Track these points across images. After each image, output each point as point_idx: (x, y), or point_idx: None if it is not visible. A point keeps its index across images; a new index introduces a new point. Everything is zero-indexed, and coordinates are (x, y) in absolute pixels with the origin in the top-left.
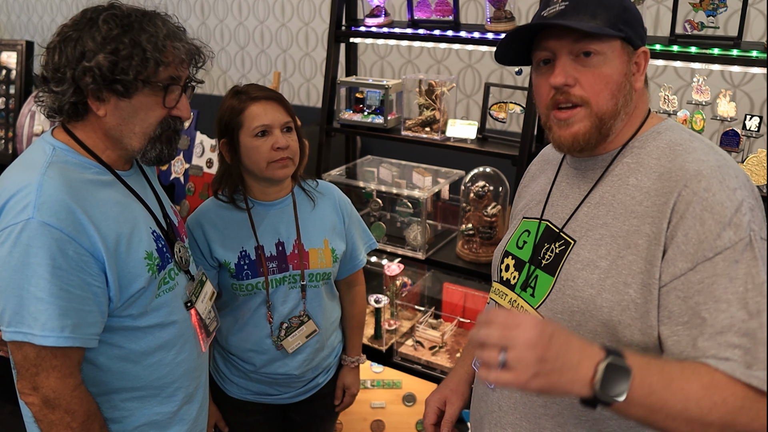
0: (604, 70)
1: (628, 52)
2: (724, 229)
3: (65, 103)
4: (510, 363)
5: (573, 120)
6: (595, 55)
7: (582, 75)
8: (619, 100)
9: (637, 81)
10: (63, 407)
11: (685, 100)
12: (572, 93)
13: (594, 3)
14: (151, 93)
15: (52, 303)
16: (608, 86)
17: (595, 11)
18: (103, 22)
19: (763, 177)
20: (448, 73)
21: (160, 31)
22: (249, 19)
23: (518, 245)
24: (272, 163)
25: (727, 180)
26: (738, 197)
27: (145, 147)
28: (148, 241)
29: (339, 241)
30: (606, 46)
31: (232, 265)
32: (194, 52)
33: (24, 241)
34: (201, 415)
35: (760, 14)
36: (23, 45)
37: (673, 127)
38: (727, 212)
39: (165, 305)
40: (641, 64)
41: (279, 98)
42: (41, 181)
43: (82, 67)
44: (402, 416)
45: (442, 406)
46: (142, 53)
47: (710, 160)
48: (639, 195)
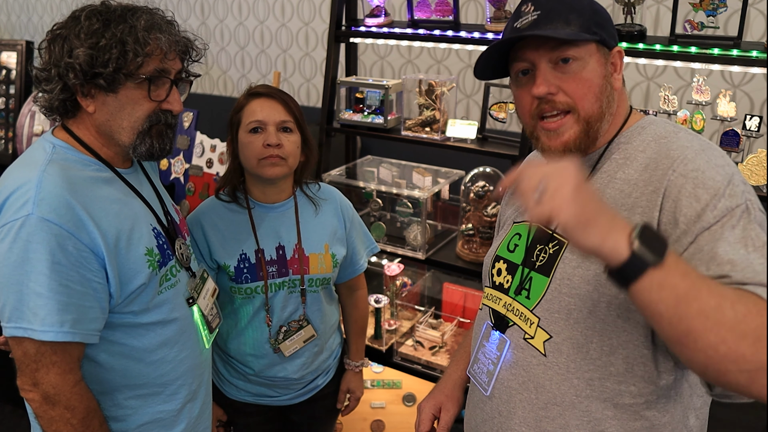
0: (584, 75)
1: (604, 54)
2: (719, 200)
3: (56, 101)
4: (549, 192)
5: (563, 129)
6: (574, 60)
7: (564, 82)
8: (603, 101)
9: (616, 81)
10: (63, 403)
11: (685, 100)
12: (557, 101)
13: (566, 9)
14: (136, 86)
15: (51, 298)
16: (591, 90)
17: (569, 17)
18: (85, 18)
19: (763, 177)
20: (448, 73)
21: (140, 23)
22: (249, 19)
23: (509, 249)
24: (262, 160)
25: (714, 159)
26: (728, 171)
27: (135, 142)
28: (149, 238)
29: (339, 246)
30: (583, 50)
31: (231, 268)
32: (183, 44)
33: (24, 237)
34: (204, 413)
35: (760, 14)
36: (23, 45)
37: (656, 121)
38: (719, 186)
39: (167, 302)
40: (617, 64)
41: (282, 98)
42: (41, 177)
43: (65, 64)
44: (402, 416)
45: (436, 412)
46: (121, 45)
47: (694, 145)
48: (627, 188)
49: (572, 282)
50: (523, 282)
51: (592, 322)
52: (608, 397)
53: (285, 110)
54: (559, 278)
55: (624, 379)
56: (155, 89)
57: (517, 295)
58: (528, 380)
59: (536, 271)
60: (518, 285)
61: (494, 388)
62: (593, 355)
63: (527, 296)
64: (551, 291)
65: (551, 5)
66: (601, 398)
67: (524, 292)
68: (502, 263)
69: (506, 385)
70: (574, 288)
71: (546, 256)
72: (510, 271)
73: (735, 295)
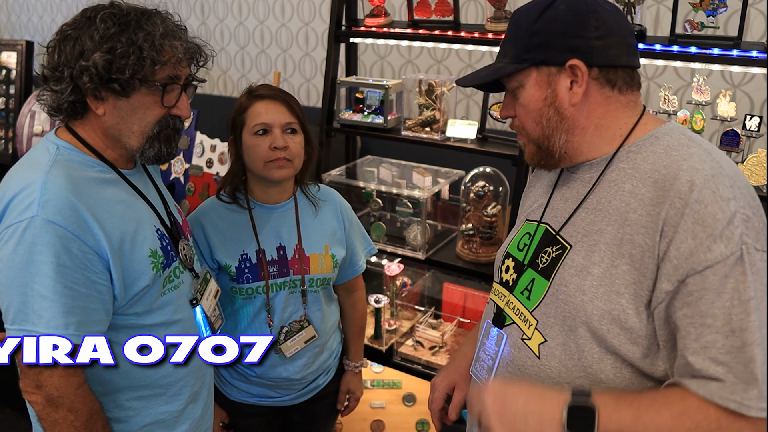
0: (522, 101)
1: (547, 74)
2: (715, 242)
3: (64, 102)
4: (485, 428)
5: (524, 144)
6: (518, 88)
7: (516, 107)
8: (542, 124)
9: (574, 95)
10: (66, 406)
11: (685, 100)
12: (514, 124)
13: (506, 42)
14: (149, 92)
15: (56, 301)
16: (529, 114)
17: (506, 50)
18: (100, 21)
19: (763, 177)
20: (448, 73)
21: (157, 30)
22: (249, 19)
23: (519, 247)
24: (269, 162)
25: (721, 190)
26: (731, 208)
27: (144, 146)
28: (153, 239)
29: (339, 247)
30: (521, 77)
31: (232, 268)
32: (194, 50)
33: (28, 239)
34: (206, 414)
35: (760, 14)
36: (23, 45)
37: (672, 131)
38: (718, 225)
39: (170, 303)
40: (578, 76)
41: (286, 99)
42: (45, 179)
43: (79, 66)
44: (402, 416)
45: (449, 391)
46: (138, 52)
47: (705, 168)
48: (634, 202)
49: (568, 289)
50: (526, 282)
51: (584, 332)
52: None
53: (289, 112)
54: (557, 283)
55: (614, 385)
56: (167, 95)
57: (520, 294)
58: (523, 380)
59: (539, 273)
60: (521, 285)
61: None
62: (585, 363)
63: (528, 297)
64: (549, 296)
65: (503, 41)
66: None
67: (526, 292)
68: (511, 260)
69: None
70: (570, 296)
71: (549, 259)
72: (516, 270)
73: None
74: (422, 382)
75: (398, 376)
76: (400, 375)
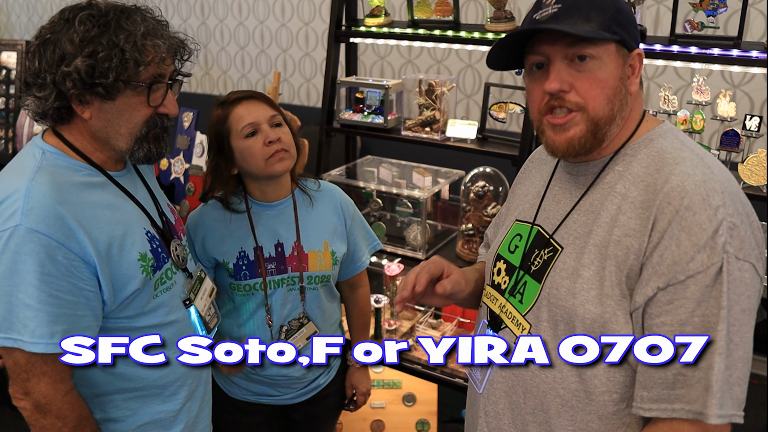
0: (599, 75)
1: (623, 55)
2: (699, 251)
3: (49, 108)
4: None
5: (569, 125)
6: (590, 59)
7: (577, 80)
8: (615, 104)
9: (633, 84)
10: (54, 412)
11: (685, 100)
12: (567, 99)
13: (588, 5)
14: (135, 93)
15: (41, 310)
16: (604, 91)
17: (589, 14)
18: (79, 23)
19: (763, 177)
20: (448, 73)
21: (138, 29)
22: (249, 19)
23: (510, 249)
24: (269, 158)
25: (711, 197)
26: (718, 217)
27: (133, 147)
28: (142, 243)
29: (340, 244)
30: (601, 49)
31: (230, 264)
32: (177, 46)
33: (12, 248)
34: (203, 412)
35: (760, 14)
36: (23, 45)
37: (666, 134)
38: (704, 234)
39: (163, 305)
40: (636, 67)
41: (261, 96)
42: (29, 186)
43: (61, 72)
44: (402, 416)
45: (437, 273)
46: (120, 54)
47: (696, 173)
48: (624, 204)
49: (559, 293)
50: (518, 285)
51: (576, 337)
52: (593, 409)
53: (269, 106)
54: (549, 287)
55: (606, 389)
56: (153, 94)
57: (512, 297)
58: (516, 384)
59: (531, 276)
60: (513, 287)
61: (486, 388)
62: (577, 366)
63: (520, 300)
64: (541, 299)
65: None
66: (586, 410)
67: (518, 295)
68: (502, 263)
69: (496, 387)
70: (560, 299)
71: (541, 262)
72: (508, 272)
73: None
74: (422, 382)
75: (398, 376)
76: (400, 375)
